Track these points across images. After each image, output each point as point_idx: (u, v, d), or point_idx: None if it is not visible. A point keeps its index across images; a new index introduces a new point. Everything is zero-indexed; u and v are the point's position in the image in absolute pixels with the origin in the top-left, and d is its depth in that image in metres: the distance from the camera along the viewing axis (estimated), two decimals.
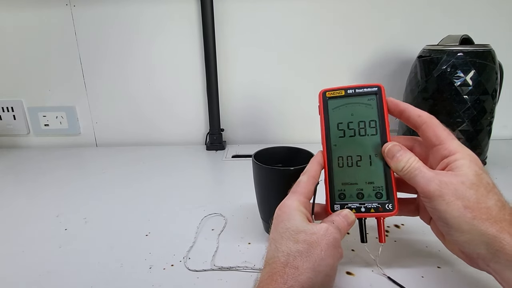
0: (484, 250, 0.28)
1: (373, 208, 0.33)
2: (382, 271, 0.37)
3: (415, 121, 0.33)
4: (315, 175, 0.34)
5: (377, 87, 0.34)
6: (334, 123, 0.35)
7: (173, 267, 0.39)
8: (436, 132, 0.32)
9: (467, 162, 0.29)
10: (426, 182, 0.29)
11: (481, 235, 0.27)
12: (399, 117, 0.35)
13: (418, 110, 0.33)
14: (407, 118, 0.34)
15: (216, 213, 0.51)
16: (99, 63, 0.81)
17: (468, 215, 0.27)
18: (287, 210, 0.32)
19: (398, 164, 0.31)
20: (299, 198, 0.33)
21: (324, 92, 0.36)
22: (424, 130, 0.33)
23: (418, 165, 0.30)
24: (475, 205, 0.28)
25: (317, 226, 0.30)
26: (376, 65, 0.79)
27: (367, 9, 0.75)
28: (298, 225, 0.30)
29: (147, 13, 0.77)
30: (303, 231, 0.29)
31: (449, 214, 0.28)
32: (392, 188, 0.33)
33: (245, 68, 0.81)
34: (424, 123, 0.32)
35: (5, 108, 0.85)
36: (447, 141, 0.31)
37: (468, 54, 0.58)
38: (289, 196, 0.33)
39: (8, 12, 0.78)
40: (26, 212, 0.54)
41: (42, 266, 0.40)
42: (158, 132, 0.87)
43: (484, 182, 0.29)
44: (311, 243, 0.29)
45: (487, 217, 0.27)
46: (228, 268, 0.39)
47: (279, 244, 0.30)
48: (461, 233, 0.28)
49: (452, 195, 0.28)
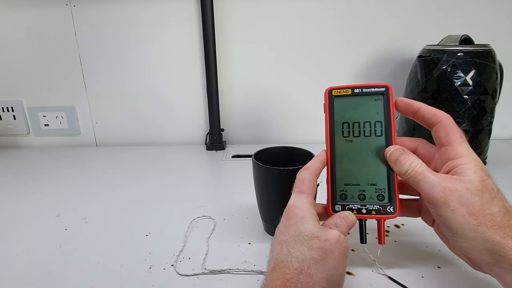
0: (487, 256, 0.28)
1: (374, 210, 0.33)
2: (382, 271, 0.37)
3: (430, 120, 0.32)
4: (317, 173, 0.34)
5: (385, 87, 0.34)
6: (339, 122, 0.35)
7: (173, 267, 0.39)
8: (447, 132, 0.31)
9: (472, 167, 0.29)
10: (430, 188, 0.29)
11: (485, 242, 0.27)
12: (412, 117, 0.34)
13: (433, 109, 0.32)
14: (422, 117, 0.33)
15: (215, 214, 0.51)
16: (99, 63, 0.81)
17: (472, 222, 0.27)
18: (299, 213, 0.31)
19: (401, 168, 0.31)
20: (309, 199, 0.32)
21: (330, 90, 0.35)
22: (437, 129, 0.32)
23: (421, 169, 0.30)
24: (480, 212, 0.27)
25: (329, 233, 0.29)
26: (376, 65, 0.79)
27: (367, 9, 0.75)
28: (311, 229, 0.29)
29: (147, 13, 0.77)
30: (316, 237, 0.29)
31: (453, 221, 0.28)
32: (394, 190, 0.32)
33: (245, 68, 0.81)
34: (439, 122, 0.32)
35: (5, 108, 0.85)
36: (456, 143, 0.31)
37: (468, 54, 0.58)
38: (298, 196, 0.32)
39: (8, 12, 0.78)
40: (26, 212, 0.54)
41: (42, 266, 0.40)
42: (158, 132, 0.87)
43: (489, 188, 0.28)
44: (325, 251, 0.28)
45: (492, 223, 0.27)
46: (220, 271, 0.39)
47: (292, 249, 0.29)
48: (465, 239, 0.28)
49: (457, 202, 0.28)
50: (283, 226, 0.31)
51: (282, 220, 0.32)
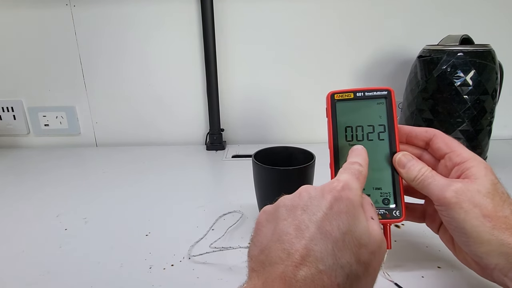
0: (503, 260, 0.27)
1: (380, 214, 0.33)
2: (389, 277, 0.37)
3: (424, 137, 0.33)
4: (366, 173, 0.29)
5: (387, 90, 0.34)
6: (342, 127, 0.34)
7: (173, 267, 0.39)
8: (446, 141, 0.32)
9: (482, 170, 0.29)
10: (441, 190, 0.28)
11: (501, 245, 0.26)
12: (406, 141, 0.35)
13: (423, 128, 0.34)
14: (415, 136, 0.34)
15: (215, 214, 0.51)
16: (99, 63, 0.81)
17: (487, 224, 0.26)
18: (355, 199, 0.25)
19: (410, 174, 0.31)
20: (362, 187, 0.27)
21: (332, 95, 0.35)
22: (434, 141, 0.32)
23: (431, 173, 0.30)
24: (493, 214, 0.27)
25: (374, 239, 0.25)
26: (376, 65, 0.79)
27: (367, 8, 0.75)
28: (361, 231, 0.24)
29: (147, 13, 0.77)
30: (364, 246, 0.24)
31: (468, 223, 0.27)
32: (400, 194, 0.32)
33: (245, 68, 0.81)
34: (434, 135, 0.32)
35: (5, 108, 0.85)
36: (459, 148, 0.31)
37: (468, 54, 0.58)
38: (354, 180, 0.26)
39: (8, 12, 0.78)
40: (26, 212, 0.54)
41: (42, 266, 0.40)
42: (158, 132, 0.87)
43: (500, 192, 0.28)
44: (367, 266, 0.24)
45: (506, 226, 0.26)
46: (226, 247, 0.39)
47: (340, 252, 0.23)
48: (480, 243, 0.27)
49: (469, 202, 0.27)
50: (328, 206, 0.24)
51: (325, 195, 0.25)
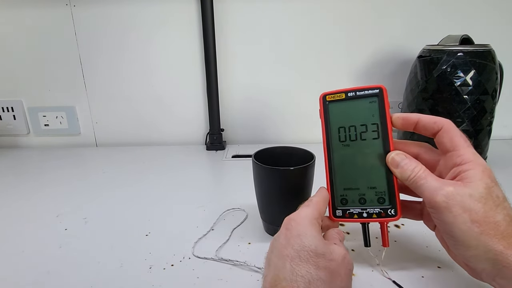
0: (489, 266, 0.27)
1: (375, 213, 0.33)
2: (387, 274, 0.37)
3: (432, 128, 0.32)
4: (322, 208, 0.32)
5: (379, 88, 0.33)
6: (335, 127, 0.35)
7: (173, 267, 0.39)
8: (452, 137, 0.31)
9: (479, 173, 0.28)
10: (432, 193, 0.28)
11: (487, 251, 0.26)
12: (413, 130, 0.33)
13: (432, 117, 0.32)
14: (423, 127, 0.32)
15: (215, 213, 0.51)
16: (99, 63, 0.81)
17: (475, 230, 0.26)
18: (302, 222, 0.29)
19: (404, 174, 0.31)
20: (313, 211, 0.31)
21: (324, 96, 0.35)
22: (440, 135, 0.31)
23: (424, 174, 0.30)
24: (483, 219, 0.26)
25: (335, 251, 0.28)
26: (376, 65, 0.79)
27: (367, 9, 0.75)
28: (316, 245, 0.28)
29: (147, 13, 0.77)
30: (322, 255, 0.27)
31: (456, 228, 0.27)
32: (394, 193, 0.32)
33: (245, 68, 0.81)
34: (441, 128, 0.31)
35: (5, 108, 0.85)
36: (462, 148, 0.30)
37: (468, 54, 0.58)
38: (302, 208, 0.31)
39: (8, 12, 0.78)
40: (26, 212, 0.54)
41: (42, 266, 0.40)
42: (158, 132, 0.87)
43: (494, 196, 0.27)
44: (332, 272, 0.27)
45: (495, 232, 0.26)
46: (228, 261, 0.39)
47: (297, 266, 0.27)
48: (467, 248, 0.27)
49: (459, 207, 0.27)
50: (283, 237, 0.29)
51: (281, 231, 0.30)
